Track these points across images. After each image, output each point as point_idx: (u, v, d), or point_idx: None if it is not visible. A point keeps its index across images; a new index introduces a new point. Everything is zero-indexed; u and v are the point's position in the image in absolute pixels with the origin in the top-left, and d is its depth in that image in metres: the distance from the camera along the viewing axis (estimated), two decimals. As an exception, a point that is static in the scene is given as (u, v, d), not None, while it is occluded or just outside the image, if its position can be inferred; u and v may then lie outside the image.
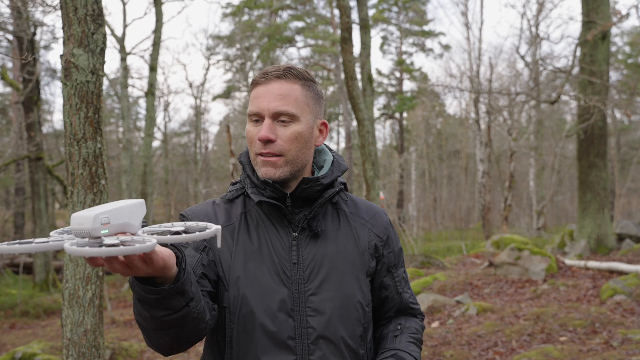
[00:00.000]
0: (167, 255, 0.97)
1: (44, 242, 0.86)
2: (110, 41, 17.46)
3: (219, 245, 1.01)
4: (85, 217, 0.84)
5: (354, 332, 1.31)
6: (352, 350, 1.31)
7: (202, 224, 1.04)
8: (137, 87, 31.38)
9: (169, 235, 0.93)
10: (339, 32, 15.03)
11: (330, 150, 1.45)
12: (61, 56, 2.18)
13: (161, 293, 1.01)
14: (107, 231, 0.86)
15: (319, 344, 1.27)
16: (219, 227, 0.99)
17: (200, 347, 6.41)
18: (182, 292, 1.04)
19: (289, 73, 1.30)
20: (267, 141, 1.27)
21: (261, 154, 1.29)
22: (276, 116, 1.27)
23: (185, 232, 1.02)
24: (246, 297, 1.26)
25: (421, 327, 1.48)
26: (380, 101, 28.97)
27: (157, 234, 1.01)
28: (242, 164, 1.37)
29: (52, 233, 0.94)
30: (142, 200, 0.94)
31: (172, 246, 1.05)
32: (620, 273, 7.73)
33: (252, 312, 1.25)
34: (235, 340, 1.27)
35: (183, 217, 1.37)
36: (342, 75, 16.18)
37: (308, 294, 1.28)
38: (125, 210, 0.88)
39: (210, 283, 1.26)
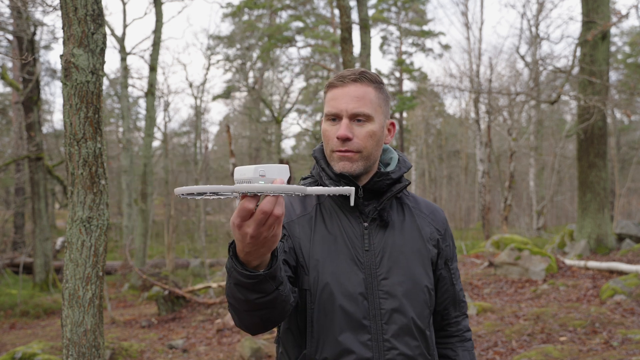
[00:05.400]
0: None
1: (220, 186, 0.97)
2: (110, 41, 17.49)
3: (352, 203, 1.09)
4: (247, 169, 0.99)
5: (422, 314, 1.42)
6: (420, 330, 1.42)
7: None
8: (137, 87, 31.37)
9: (315, 187, 1.03)
10: (339, 32, 15.01)
11: (395, 149, 1.57)
12: (61, 56, 2.19)
13: (258, 278, 1.11)
14: (263, 182, 0.98)
15: (391, 324, 1.37)
16: (353, 188, 1.09)
17: (200, 347, 6.40)
18: (274, 276, 1.14)
19: (364, 77, 1.41)
20: (345, 139, 1.38)
21: (339, 151, 1.40)
22: (353, 117, 1.39)
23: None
24: (326, 281, 1.37)
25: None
26: (380, 101, 28.91)
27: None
28: (315, 159, 1.49)
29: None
30: (287, 165, 1.04)
31: None
32: (620, 273, 7.72)
33: (332, 294, 1.36)
34: (315, 320, 1.37)
35: None
36: (342, 75, 16.08)
37: (380, 278, 1.39)
38: (277, 168, 1.00)
39: (290, 269, 1.36)
